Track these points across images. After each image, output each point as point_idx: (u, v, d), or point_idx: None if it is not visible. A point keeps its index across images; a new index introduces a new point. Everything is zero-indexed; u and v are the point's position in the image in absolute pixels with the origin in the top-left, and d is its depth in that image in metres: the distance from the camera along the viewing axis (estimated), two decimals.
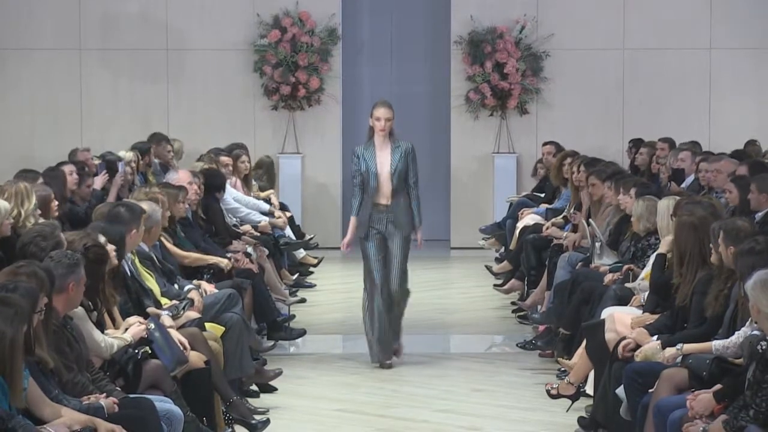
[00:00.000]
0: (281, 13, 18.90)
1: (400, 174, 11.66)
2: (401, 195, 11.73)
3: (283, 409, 10.46)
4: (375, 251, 11.66)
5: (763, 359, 7.08)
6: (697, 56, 18.96)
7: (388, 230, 11.68)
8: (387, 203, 11.68)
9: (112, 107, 18.92)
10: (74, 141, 16.99)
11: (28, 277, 7.22)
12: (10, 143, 18.49)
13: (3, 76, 18.92)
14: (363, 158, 11.68)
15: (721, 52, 18.95)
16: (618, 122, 18.79)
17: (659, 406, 7.99)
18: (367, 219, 11.75)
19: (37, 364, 7.12)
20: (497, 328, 13.95)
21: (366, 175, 11.66)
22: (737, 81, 18.92)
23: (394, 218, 11.69)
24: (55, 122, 18.71)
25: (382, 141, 11.73)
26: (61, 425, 6.91)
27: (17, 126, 18.78)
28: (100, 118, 18.78)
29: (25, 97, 18.89)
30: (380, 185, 11.67)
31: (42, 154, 15.98)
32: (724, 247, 8.57)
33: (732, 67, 18.95)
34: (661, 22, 18.89)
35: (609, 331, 9.47)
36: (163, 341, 8.64)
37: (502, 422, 10.27)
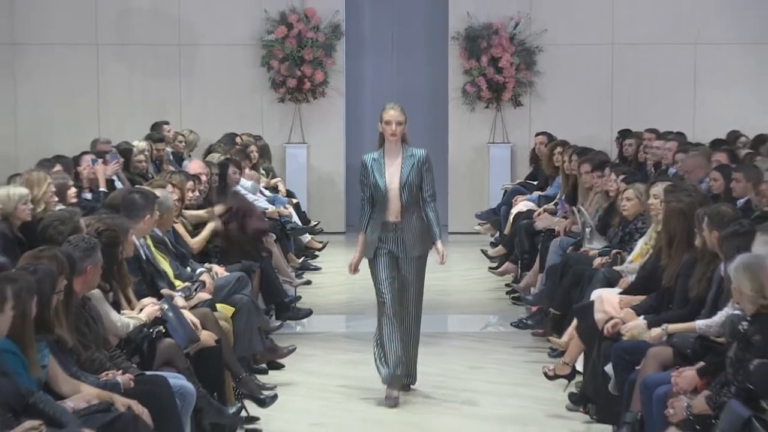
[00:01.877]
0: (288, 9, 18.91)
1: (411, 188, 9.78)
2: (413, 211, 9.86)
3: (290, 385, 10.48)
4: (385, 272, 9.83)
5: (744, 338, 7.10)
6: (683, 51, 18.95)
7: (398, 250, 9.86)
8: (396, 220, 9.85)
9: (127, 100, 18.92)
10: (92, 132, 17.02)
11: (49, 260, 7.24)
12: (31, 134, 18.50)
13: (23, 70, 18.93)
14: (371, 169, 9.82)
15: (706, 47, 18.94)
16: (607, 114, 18.80)
17: (645, 382, 8.00)
18: (375, 238, 9.85)
19: (57, 342, 7.14)
20: (492, 309, 13.97)
21: (374, 189, 9.82)
22: (721, 75, 18.90)
23: (404, 238, 9.85)
24: (73, 114, 18.71)
25: (393, 148, 9.83)
26: (80, 400, 6.94)
27: (37, 117, 18.79)
28: (116, 111, 18.78)
29: (44, 89, 18.88)
30: (389, 201, 9.81)
31: (61, 145, 15.95)
32: (707, 232, 8.59)
33: (716, 62, 18.94)
34: (649, 19, 18.88)
35: (598, 311, 9.48)
36: (176, 321, 8.65)
37: (496, 397, 10.29)
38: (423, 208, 9.88)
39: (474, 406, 10.08)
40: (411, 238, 9.81)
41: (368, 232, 9.87)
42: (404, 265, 9.87)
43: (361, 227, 9.95)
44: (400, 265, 9.86)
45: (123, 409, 6.95)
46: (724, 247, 8.07)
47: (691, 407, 7.08)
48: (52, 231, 8.84)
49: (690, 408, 7.08)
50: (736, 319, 7.48)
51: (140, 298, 8.88)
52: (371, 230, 9.85)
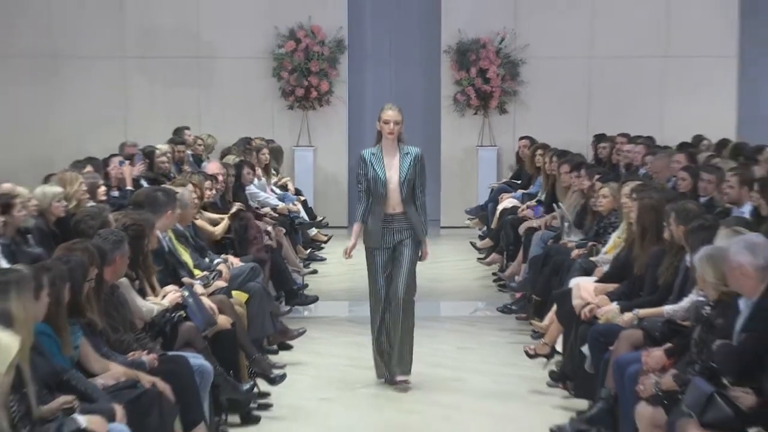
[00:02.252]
0: (296, 26, 18.90)
1: (410, 182, 9.58)
2: (410, 204, 9.66)
3: (298, 364, 10.49)
4: (382, 267, 9.62)
5: (707, 322, 7.10)
6: (652, 63, 18.95)
7: (397, 239, 9.61)
8: (395, 212, 9.63)
9: (151, 107, 18.91)
10: (120, 136, 17.02)
11: (81, 252, 7.25)
12: (66, 137, 18.47)
13: (59, 80, 18.91)
14: (370, 164, 9.59)
15: (673, 59, 18.93)
16: (583, 120, 18.78)
17: (618, 362, 8.00)
18: (379, 229, 9.59)
19: (89, 325, 7.15)
20: (480, 295, 13.96)
21: (374, 182, 9.56)
22: (687, 85, 18.88)
23: (407, 227, 9.62)
24: (103, 120, 18.69)
25: (390, 145, 9.63)
26: (109, 377, 6.95)
27: (70, 123, 18.77)
28: (141, 118, 18.76)
29: (77, 98, 18.85)
30: (389, 194, 9.58)
31: (92, 148, 15.94)
32: (675, 226, 8.60)
33: (682, 73, 18.92)
34: (622, 34, 18.86)
35: (575, 297, 9.48)
36: (196, 306, 8.66)
37: (483, 375, 10.29)
38: (415, 201, 9.66)
39: (463, 382, 10.08)
40: (409, 229, 9.60)
41: (369, 222, 9.62)
42: (401, 251, 9.60)
43: (358, 217, 9.70)
44: (397, 253, 9.62)
45: (148, 385, 6.96)
46: (690, 240, 8.08)
47: (659, 384, 7.08)
48: (83, 225, 8.86)
49: (658, 385, 7.08)
50: (700, 305, 7.48)
51: (163, 286, 8.89)
52: (373, 222, 9.60)
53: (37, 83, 18.85)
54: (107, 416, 6.22)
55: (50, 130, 18.84)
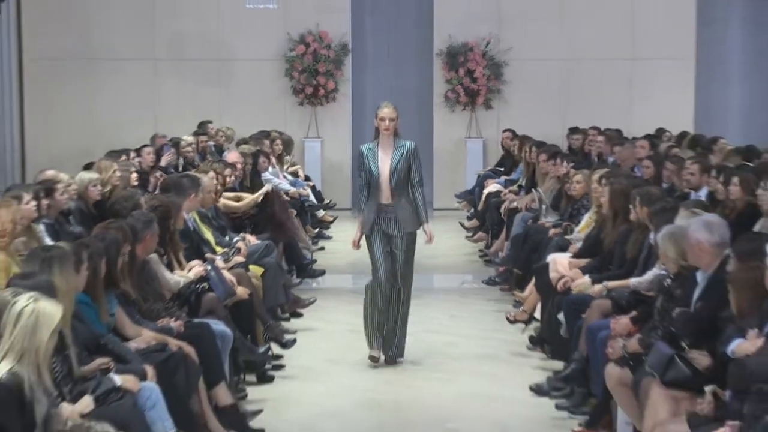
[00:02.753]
0: (306, 32, 18.86)
1: (400, 174, 9.15)
2: (403, 195, 9.23)
3: (308, 330, 10.50)
4: (380, 247, 9.23)
5: (668, 292, 7.11)
6: (620, 65, 18.91)
7: (390, 228, 9.22)
8: (388, 203, 9.21)
9: (178, 104, 18.85)
10: (150, 129, 16.98)
11: (116, 231, 7.26)
12: (102, 130, 18.44)
13: (98, 80, 18.87)
14: (367, 158, 9.26)
15: (639, 61, 18.90)
16: (560, 115, 18.72)
17: (590, 328, 8.00)
18: (373, 218, 9.23)
19: (123, 295, 7.15)
20: (468, 269, 13.96)
21: (370, 175, 9.23)
22: (651, 83, 18.84)
23: (396, 218, 9.21)
24: (136, 115, 18.64)
25: (387, 141, 9.24)
26: (141, 341, 6.95)
27: (107, 118, 18.72)
28: (169, 113, 18.70)
29: (113, 95, 18.81)
30: (381, 185, 9.21)
31: (127, 139, 15.94)
32: (640, 208, 8.60)
33: (647, 73, 18.88)
34: (593, 39, 18.80)
35: (552, 271, 9.48)
36: (217, 279, 8.65)
37: (471, 339, 10.30)
38: (411, 191, 9.26)
39: (455, 346, 10.08)
40: (401, 218, 9.18)
41: (365, 212, 9.30)
42: (396, 241, 9.22)
43: (361, 208, 9.44)
44: (393, 242, 9.23)
45: (175, 348, 6.96)
46: (654, 220, 8.07)
47: (626, 347, 7.08)
48: (118, 207, 8.87)
49: (625, 348, 7.08)
50: (662, 277, 7.49)
51: (188, 261, 8.89)
52: (368, 211, 9.26)
53: (78, 83, 18.82)
54: (139, 375, 6.23)
55: (90, 123, 18.80)
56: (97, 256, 6.65)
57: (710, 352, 6.20)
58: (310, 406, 8.34)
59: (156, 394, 6.17)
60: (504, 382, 8.95)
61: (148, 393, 6.13)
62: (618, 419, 7.25)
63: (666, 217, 7.87)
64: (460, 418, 8.05)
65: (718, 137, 14.75)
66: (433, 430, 7.84)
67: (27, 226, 7.96)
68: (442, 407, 8.31)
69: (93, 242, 6.86)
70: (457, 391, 8.69)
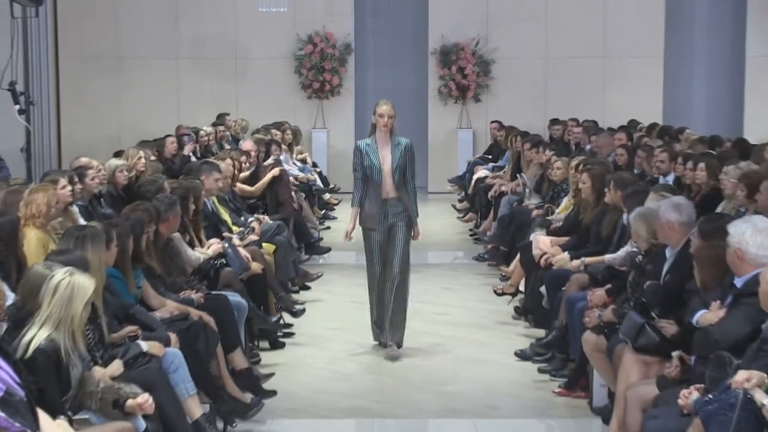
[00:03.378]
0: (313, 33, 18.80)
1: (401, 170, 8.59)
2: (402, 189, 8.66)
3: (315, 302, 10.50)
4: (378, 246, 8.64)
5: (640, 267, 7.10)
6: (595, 62, 18.86)
7: (392, 221, 8.62)
8: (391, 196, 8.62)
9: (198, 98, 18.81)
10: (173, 121, 16.95)
11: (142, 212, 7.24)
12: (130, 122, 18.43)
13: (125, 76, 18.83)
14: (366, 154, 8.69)
15: (611, 59, 18.85)
16: (541, 107, 18.68)
17: (569, 299, 8.00)
18: (376, 212, 8.63)
19: (149, 270, 7.14)
20: (459, 246, 13.95)
21: (369, 170, 8.65)
22: (623, 79, 18.79)
23: (400, 210, 8.63)
24: (160, 107, 18.61)
25: (383, 137, 8.66)
26: (165, 311, 6.95)
27: (134, 112, 18.69)
28: (191, 107, 18.68)
29: (140, 90, 18.79)
30: (384, 180, 8.61)
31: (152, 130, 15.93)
32: (614, 192, 8.59)
33: (619, 70, 18.83)
34: (570, 40, 18.75)
35: (535, 248, 9.47)
36: (234, 255, 8.65)
37: (462, 310, 10.30)
38: (405, 186, 8.65)
39: (446, 315, 10.09)
40: (403, 212, 8.62)
41: (366, 206, 8.66)
42: (395, 232, 8.62)
43: (355, 202, 8.79)
44: (392, 234, 8.62)
45: (196, 318, 6.96)
46: (627, 203, 8.06)
47: (601, 317, 7.08)
48: (143, 190, 8.86)
49: (601, 317, 7.07)
50: (634, 254, 7.49)
51: (208, 239, 8.88)
52: (369, 206, 8.64)
53: (108, 79, 18.77)
54: (164, 342, 6.23)
55: (118, 115, 18.78)
56: (125, 235, 6.64)
57: (677, 322, 6.20)
58: (317, 370, 8.34)
59: (179, 359, 6.17)
60: (492, 348, 8.94)
61: (171, 358, 6.13)
62: (594, 381, 7.26)
63: (638, 200, 7.87)
64: (455, 380, 8.06)
65: (684, 128, 14.78)
66: (430, 392, 7.84)
67: (63, 208, 7.94)
68: (438, 371, 8.31)
69: (121, 222, 6.86)
70: (450, 357, 8.69)
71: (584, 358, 7.23)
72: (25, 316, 5.05)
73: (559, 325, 8.19)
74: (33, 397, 4.64)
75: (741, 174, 8.34)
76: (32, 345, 4.93)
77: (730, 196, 8.47)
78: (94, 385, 5.16)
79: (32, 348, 4.92)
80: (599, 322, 7.04)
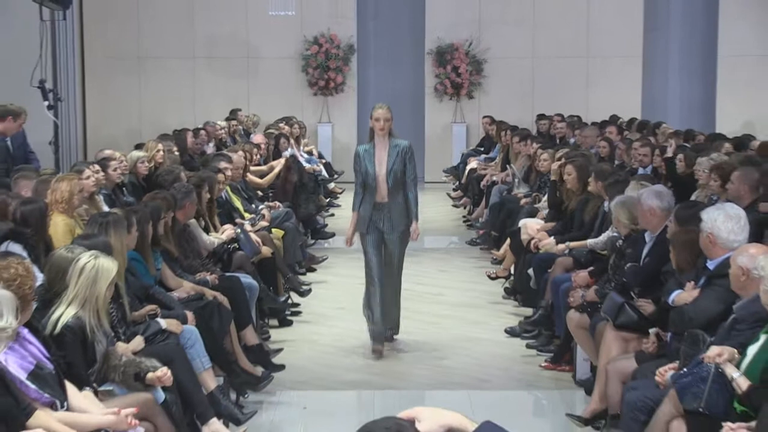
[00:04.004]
0: (319, 35, 18.75)
1: (396, 174, 7.94)
2: (398, 193, 8.01)
3: (320, 283, 10.50)
4: (373, 246, 8.07)
5: (620, 251, 7.10)
6: (578, 61, 18.82)
7: (385, 227, 8.04)
8: (384, 201, 8.00)
9: (213, 95, 18.76)
10: (190, 116, 16.94)
11: (161, 200, 7.23)
12: (150, 117, 18.41)
13: (145, 75, 18.80)
14: (363, 159, 8.03)
15: (594, 59, 18.81)
16: (530, 103, 18.64)
17: (554, 281, 8.01)
18: (368, 216, 8.05)
19: (167, 253, 7.13)
20: (454, 232, 13.94)
21: (366, 175, 8.02)
22: (605, 77, 18.75)
23: (390, 216, 8.02)
24: (178, 103, 18.57)
25: (382, 141, 7.99)
26: (182, 292, 6.95)
27: (153, 108, 18.65)
28: (206, 103, 18.63)
29: (158, 88, 18.75)
30: (378, 185, 8.00)
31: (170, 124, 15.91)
32: (594, 182, 8.58)
33: (602, 69, 18.78)
34: (556, 41, 18.70)
35: (523, 234, 9.48)
36: (246, 240, 8.65)
37: (456, 290, 10.30)
38: (405, 189, 8.02)
39: (441, 296, 10.09)
40: (396, 216, 8.01)
41: (361, 210, 8.08)
42: (390, 237, 8.05)
43: (354, 207, 8.20)
44: (386, 239, 8.07)
45: (211, 297, 6.96)
46: (608, 191, 8.05)
47: (584, 296, 7.08)
48: (162, 180, 8.86)
49: (584, 297, 7.08)
50: (614, 239, 7.49)
51: (222, 225, 8.87)
52: (364, 209, 8.06)
53: (130, 77, 18.73)
54: (181, 320, 6.23)
55: (139, 110, 18.74)
56: (144, 221, 6.64)
57: (654, 301, 6.20)
58: (323, 346, 8.35)
59: (195, 335, 6.17)
60: (484, 326, 8.95)
61: (188, 334, 6.13)
62: (577, 356, 7.26)
63: (618, 189, 7.86)
64: (450, 355, 8.06)
65: (661, 122, 14.75)
66: (427, 366, 7.84)
67: (89, 197, 7.93)
68: (434, 347, 8.31)
69: (141, 209, 6.85)
70: (446, 333, 8.70)
71: (568, 334, 7.23)
72: (53, 296, 5.07)
73: (545, 305, 8.19)
74: (61, 370, 4.65)
75: (713, 165, 8.33)
76: (60, 322, 4.94)
77: (703, 185, 8.47)
78: (118, 360, 5.17)
79: (60, 325, 4.93)
80: (582, 301, 7.05)
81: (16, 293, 4.33)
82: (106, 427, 4.56)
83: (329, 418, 6.71)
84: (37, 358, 4.51)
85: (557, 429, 6.46)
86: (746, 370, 4.66)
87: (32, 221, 6.33)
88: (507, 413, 6.72)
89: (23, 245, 6.11)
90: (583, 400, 6.77)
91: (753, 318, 4.87)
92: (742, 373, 4.65)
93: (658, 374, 5.16)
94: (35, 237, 6.27)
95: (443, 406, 2.39)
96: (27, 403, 4.25)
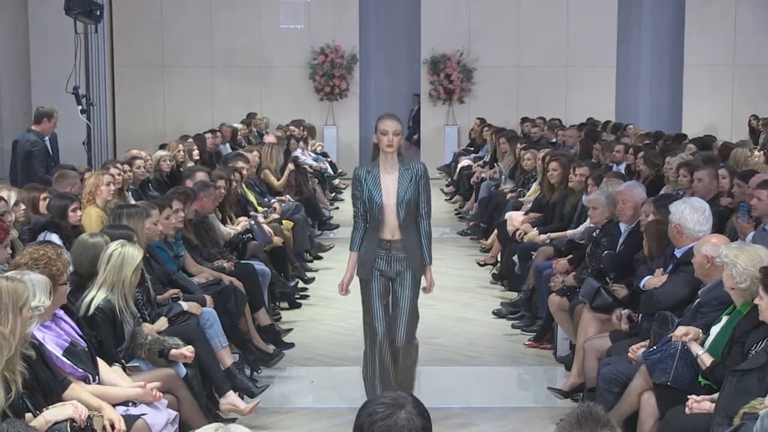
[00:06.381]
0: (325, 45, 18.71)
1: (409, 205, 5.57)
2: (411, 229, 5.65)
3: (326, 269, 10.45)
4: (378, 297, 5.69)
5: (596, 240, 7.08)
6: (558, 70, 18.78)
7: (394, 270, 5.67)
8: (393, 238, 5.63)
9: (230, 100, 18.73)
10: (208, 120, 16.91)
11: (179, 194, 7.22)
12: (172, 120, 18.37)
13: (168, 82, 18.74)
14: (365, 183, 5.62)
15: (573, 68, 18.77)
16: (515, 108, 18.60)
17: (537, 267, 8.00)
18: (371, 258, 5.67)
19: (188, 242, 7.11)
20: (446, 223, 13.89)
21: (369, 204, 5.61)
22: (582, 84, 18.73)
23: (405, 257, 5.65)
24: (197, 110, 18.53)
25: (389, 162, 5.57)
26: (202, 277, 6.94)
27: (176, 113, 18.62)
28: (223, 107, 18.59)
29: (180, 94, 18.70)
30: (385, 218, 5.60)
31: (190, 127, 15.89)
32: (574, 176, 8.56)
33: (580, 78, 18.75)
34: (538, 51, 18.66)
35: (509, 225, 9.46)
36: (259, 231, 8.63)
37: (447, 276, 10.25)
38: (418, 224, 5.68)
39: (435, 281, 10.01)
40: (407, 259, 5.68)
41: (362, 251, 5.73)
42: (398, 287, 5.72)
43: (352, 245, 5.80)
44: (395, 288, 5.72)
45: (227, 282, 6.94)
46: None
47: (564, 281, 7.07)
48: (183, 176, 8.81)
49: (564, 282, 7.07)
50: (591, 230, 7.48)
51: (237, 217, 8.86)
52: (366, 249, 5.71)
53: (154, 83, 18.69)
54: (201, 303, 6.22)
55: (163, 114, 18.71)
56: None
57: (627, 286, 6.20)
58: (328, 326, 8.34)
59: (213, 317, 6.17)
60: (472, 307, 8.94)
61: (207, 316, 6.13)
62: (558, 335, 7.26)
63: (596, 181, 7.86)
64: (442, 334, 8.04)
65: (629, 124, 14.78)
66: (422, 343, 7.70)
67: (118, 191, 7.92)
68: (428, 326, 8.29)
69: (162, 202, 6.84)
70: (438, 314, 8.67)
71: (550, 315, 7.22)
72: (85, 281, 5.08)
73: (528, 289, 8.18)
74: (93, 347, 4.66)
75: (680, 162, 8.35)
76: (92, 305, 4.96)
77: (672, 181, 8.46)
78: (144, 338, 5.17)
79: (92, 307, 4.95)
80: (562, 286, 7.04)
81: (44, 272, 4.32)
82: (133, 399, 4.58)
83: (334, 390, 6.71)
84: (72, 337, 4.52)
85: (540, 401, 6.45)
86: (710, 348, 4.67)
87: (56, 214, 6.39)
88: (494, 387, 6.72)
89: (59, 235, 6.16)
90: (563, 375, 6.76)
91: (716, 301, 4.87)
92: (706, 351, 4.66)
93: (630, 351, 5.17)
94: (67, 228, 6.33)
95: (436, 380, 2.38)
96: (63, 377, 4.26)
